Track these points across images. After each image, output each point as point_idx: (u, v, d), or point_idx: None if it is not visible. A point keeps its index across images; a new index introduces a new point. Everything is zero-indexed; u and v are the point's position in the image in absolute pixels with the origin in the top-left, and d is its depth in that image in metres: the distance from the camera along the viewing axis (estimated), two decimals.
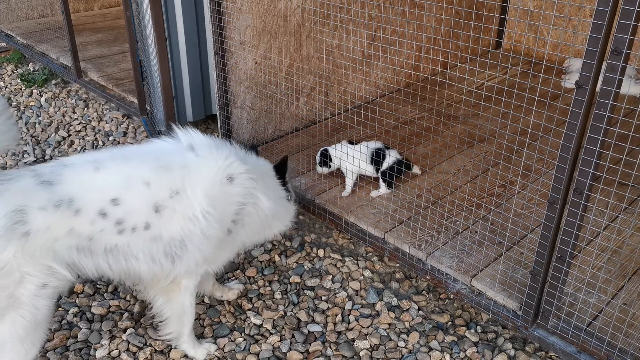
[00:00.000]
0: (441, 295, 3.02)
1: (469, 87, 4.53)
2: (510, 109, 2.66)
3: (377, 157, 3.41)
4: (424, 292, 3.05)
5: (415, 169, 3.65)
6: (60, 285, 2.15)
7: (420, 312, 2.92)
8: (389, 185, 3.43)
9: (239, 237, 2.51)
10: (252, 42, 3.69)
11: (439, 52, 4.46)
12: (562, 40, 5.15)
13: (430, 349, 2.70)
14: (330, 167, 3.55)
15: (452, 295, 2.94)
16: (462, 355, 2.68)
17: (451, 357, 2.66)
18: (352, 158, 3.39)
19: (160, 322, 2.59)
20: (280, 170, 2.68)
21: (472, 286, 2.76)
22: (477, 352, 2.68)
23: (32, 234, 1.97)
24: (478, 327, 2.82)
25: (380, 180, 3.45)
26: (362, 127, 3.99)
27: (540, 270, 2.37)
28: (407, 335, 2.78)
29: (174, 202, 2.20)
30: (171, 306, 2.52)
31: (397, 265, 3.20)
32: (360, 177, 3.56)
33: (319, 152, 3.57)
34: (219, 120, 3.83)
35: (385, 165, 3.40)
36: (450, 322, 2.86)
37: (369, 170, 3.46)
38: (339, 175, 3.68)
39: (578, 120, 2.00)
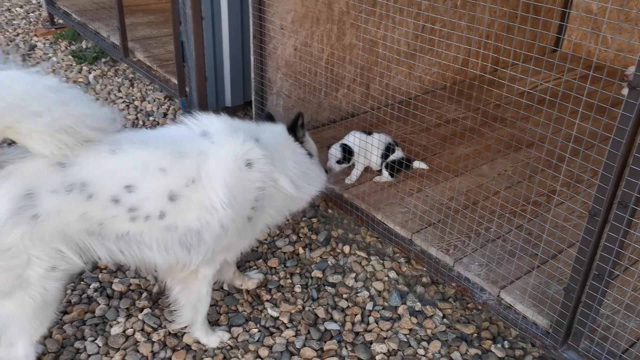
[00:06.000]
0: (469, 305, 2.86)
1: (521, 88, 4.29)
2: (565, 114, 2.45)
3: (386, 152, 3.44)
4: (450, 299, 2.90)
5: (421, 165, 3.57)
6: (71, 268, 2.13)
7: (444, 320, 2.77)
8: (391, 175, 3.47)
9: (259, 222, 2.43)
10: (293, 27, 3.60)
11: (491, 48, 4.23)
12: (625, 53, 4.81)
13: None
14: (349, 162, 3.43)
15: (479, 306, 2.77)
16: None
17: None
18: (368, 149, 3.40)
19: (175, 309, 2.55)
20: (295, 130, 2.53)
21: (501, 298, 2.58)
22: None
23: (42, 217, 1.94)
24: (506, 342, 2.66)
25: (384, 170, 3.48)
26: (402, 124, 3.84)
27: (574, 288, 2.18)
28: (428, 344, 2.65)
29: (190, 191, 2.13)
30: (187, 294, 2.48)
31: (424, 269, 3.05)
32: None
33: (337, 147, 3.40)
34: (253, 106, 3.76)
35: (389, 159, 3.45)
36: (475, 334, 2.70)
37: (377, 163, 3.50)
38: (369, 169, 3.56)
39: (628, 125, 1.80)
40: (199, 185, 2.14)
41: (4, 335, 2.17)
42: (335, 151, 3.38)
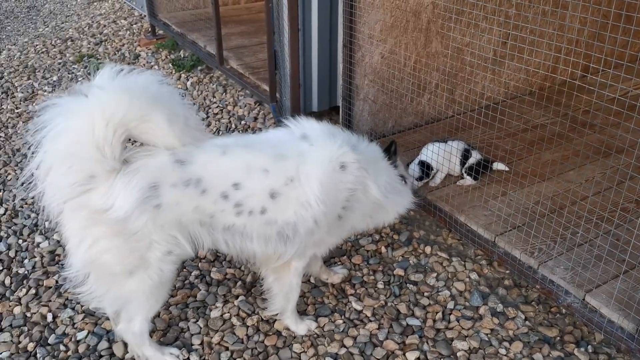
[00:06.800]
0: (552, 309, 2.87)
1: (610, 94, 4.19)
2: None
3: (464, 158, 3.57)
4: (533, 302, 2.92)
5: (500, 166, 3.63)
6: (182, 254, 2.39)
7: (526, 322, 2.80)
8: (475, 178, 3.55)
9: (348, 222, 2.59)
10: (381, 36, 3.75)
11: (581, 55, 4.17)
12: None
13: None
14: (430, 176, 3.54)
15: (563, 310, 2.78)
16: None
17: None
18: (447, 157, 3.53)
19: (268, 297, 2.77)
20: (390, 153, 2.68)
21: (586, 301, 2.59)
22: None
23: (163, 207, 2.21)
24: (589, 346, 2.65)
25: (465, 175, 3.58)
26: (487, 128, 3.88)
27: None
28: (510, 344, 2.69)
29: (289, 189, 2.33)
30: (280, 284, 2.68)
31: (507, 272, 3.09)
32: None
33: (415, 165, 3.53)
34: (341, 111, 3.95)
35: (468, 163, 3.57)
36: (558, 338, 2.71)
37: (457, 170, 3.63)
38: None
39: None
40: (297, 184, 2.33)
41: (124, 311, 2.47)
42: (413, 170, 3.52)
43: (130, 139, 2.21)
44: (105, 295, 2.38)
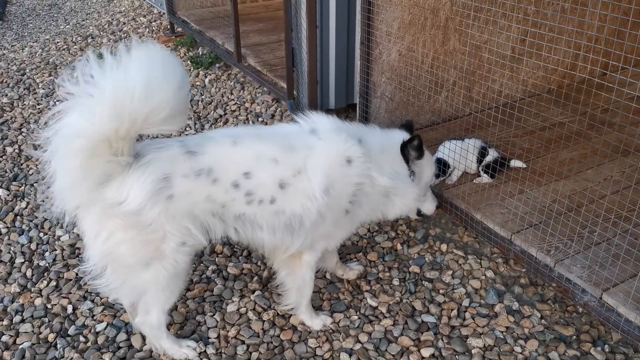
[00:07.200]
0: (568, 308, 2.85)
1: (631, 92, 4.14)
2: None
3: (481, 156, 3.56)
4: (549, 301, 2.90)
5: (517, 163, 3.62)
6: (196, 245, 2.43)
7: (542, 320, 2.79)
8: (492, 176, 3.53)
9: (357, 216, 2.61)
10: (398, 34, 3.75)
11: (600, 52, 4.12)
12: None
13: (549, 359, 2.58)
14: (447, 174, 3.53)
15: (580, 308, 2.76)
16: None
17: None
18: (464, 155, 3.53)
19: (282, 291, 2.80)
20: (405, 149, 2.65)
21: (603, 300, 2.57)
22: None
23: (175, 197, 2.25)
24: (606, 346, 2.63)
25: (482, 172, 3.57)
26: (505, 126, 3.86)
27: None
28: (525, 342, 2.69)
29: (296, 181, 2.37)
30: (293, 278, 2.71)
31: (523, 270, 3.08)
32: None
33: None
34: (358, 108, 3.96)
35: (485, 161, 3.56)
36: (575, 336, 2.70)
37: (474, 168, 3.62)
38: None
39: None
40: (304, 176, 2.37)
41: (140, 303, 2.52)
42: None
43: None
44: (122, 287, 2.42)
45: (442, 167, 3.48)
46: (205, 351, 2.69)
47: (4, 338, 2.79)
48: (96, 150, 2.07)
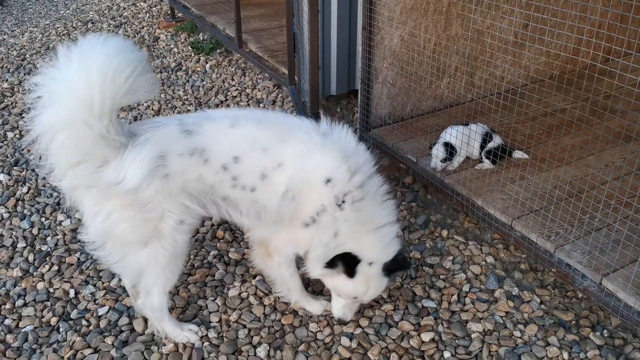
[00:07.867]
0: (568, 293, 2.87)
1: (634, 77, 4.12)
2: None
3: (483, 142, 3.53)
4: (549, 287, 2.92)
5: (520, 154, 3.60)
6: (194, 223, 2.45)
7: (542, 306, 2.81)
8: (493, 162, 3.50)
9: (316, 236, 2.47)
10: (401, 19, 3.73)
11: (603, 38, 4.09)
12: None
13: (548, 344, 2.60)
14: (453, 157, 3.51)
15: (579, 294, 2.77)
16: (582, 355, 2.54)
17: (570, 355, 2.54)
18: (467, 140, 3.50)
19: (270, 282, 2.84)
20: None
21: (602, 285, 2.58)
22: (600, 355, 2.52)
23: (171, 175, 2.27)
24: (605, 331, 2.65)
25: (484, 158, 3.55)
26: (507, 112, 3.84)
27: None
28: (525, 327, 2.70)
29: (275, 174, 2.34)
30: (269, 272, 2.76)
31: (523, 256, 3.09)
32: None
33: (440, 147, 3.48)
34: (359, 94, 3.94)
35: (488, 147, 3.53)
36: (574, 322, 2.72)
37: (476, 153, 3.59)
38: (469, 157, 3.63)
39: None
40: (281, 171, 2.34)
41: (142, 283, 2.53)
42: (438, 151, 3.48)
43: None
44: (122, 262, 2.44)
45: (451, 150, 3.46)
46: (206, 335, 2.71)
47: (7, 321, 2.81)
48: (81, 136, 2.10)
